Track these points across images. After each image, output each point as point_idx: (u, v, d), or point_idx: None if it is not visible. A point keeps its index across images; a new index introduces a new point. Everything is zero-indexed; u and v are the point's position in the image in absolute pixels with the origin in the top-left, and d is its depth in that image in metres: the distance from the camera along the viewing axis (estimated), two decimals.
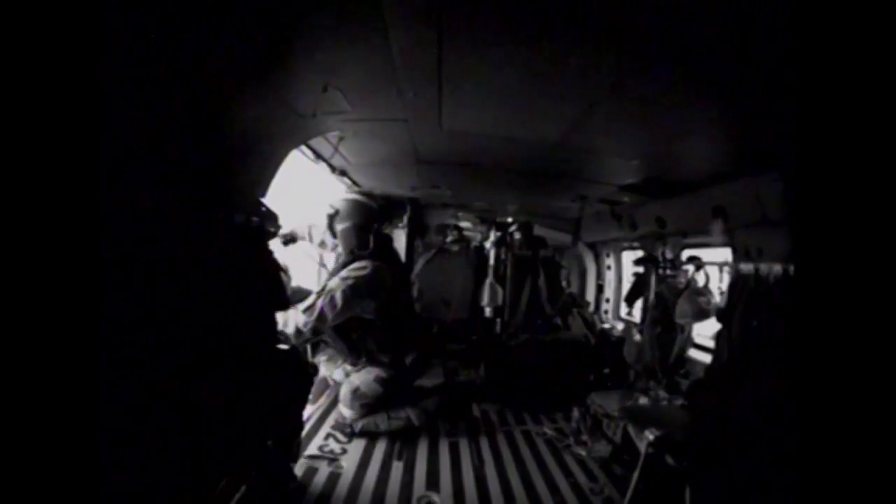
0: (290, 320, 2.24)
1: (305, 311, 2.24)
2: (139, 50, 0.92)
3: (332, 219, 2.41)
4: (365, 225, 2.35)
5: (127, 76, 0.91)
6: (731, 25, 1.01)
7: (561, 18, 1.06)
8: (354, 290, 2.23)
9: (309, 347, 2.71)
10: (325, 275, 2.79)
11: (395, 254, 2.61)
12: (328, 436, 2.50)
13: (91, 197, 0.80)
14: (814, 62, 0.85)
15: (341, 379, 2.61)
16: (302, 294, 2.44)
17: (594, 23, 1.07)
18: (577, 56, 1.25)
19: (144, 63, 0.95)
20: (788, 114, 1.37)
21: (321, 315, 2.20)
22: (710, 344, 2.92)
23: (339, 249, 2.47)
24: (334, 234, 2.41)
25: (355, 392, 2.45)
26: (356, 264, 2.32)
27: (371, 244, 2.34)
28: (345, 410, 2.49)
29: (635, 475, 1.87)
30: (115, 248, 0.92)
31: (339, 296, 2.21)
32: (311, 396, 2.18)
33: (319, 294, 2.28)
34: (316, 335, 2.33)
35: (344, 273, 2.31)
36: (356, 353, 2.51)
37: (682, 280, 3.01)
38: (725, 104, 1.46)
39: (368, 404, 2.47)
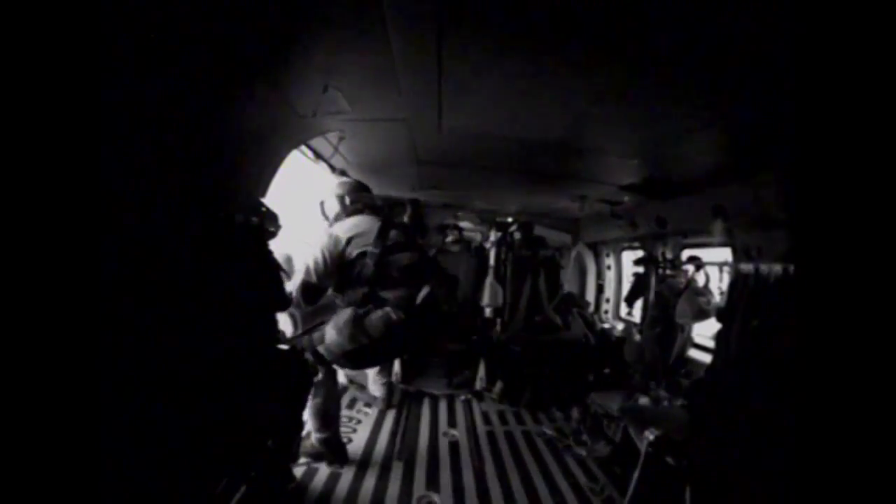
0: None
1: (298, 272, 2.18)
2: (139, 50, 0.92)
3: (322, 205, 2.44)
4: (341, 194, 2.35)
5: (127, 76, 0.91)
6: (732, 26, 1.01)
7: (561, 19, 1.06)
8: (330, 237, 2.11)
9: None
10: None
11: (378, 212, 2.42)
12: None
13: (91, 197, 0.80)
14: (813, 63, 0.85)
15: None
16: None
17: (594, 23, 1.07)
18: (577, 56, 1.25)
19: (145, 63, 0.95)
20: (788, 114, 1.37)
21: (307, 270, 2.10)
22: (710, 344, 2.93)
23: (330, 220, 2.43)
24: (326, 216, 2.43)
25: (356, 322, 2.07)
26: (336, 224, 2.29)
27: (349, 204, 2.32)
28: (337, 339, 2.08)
29: (635, 475, 1.87)
30: (114, 248, 0.92)
31: (317, 248, 2.11)
32: (310, 396, 2.18)
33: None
34: (308, 294, 2.14)
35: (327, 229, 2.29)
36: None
37: (682, 280, 3.01)
38: (725, 104, 1.46)
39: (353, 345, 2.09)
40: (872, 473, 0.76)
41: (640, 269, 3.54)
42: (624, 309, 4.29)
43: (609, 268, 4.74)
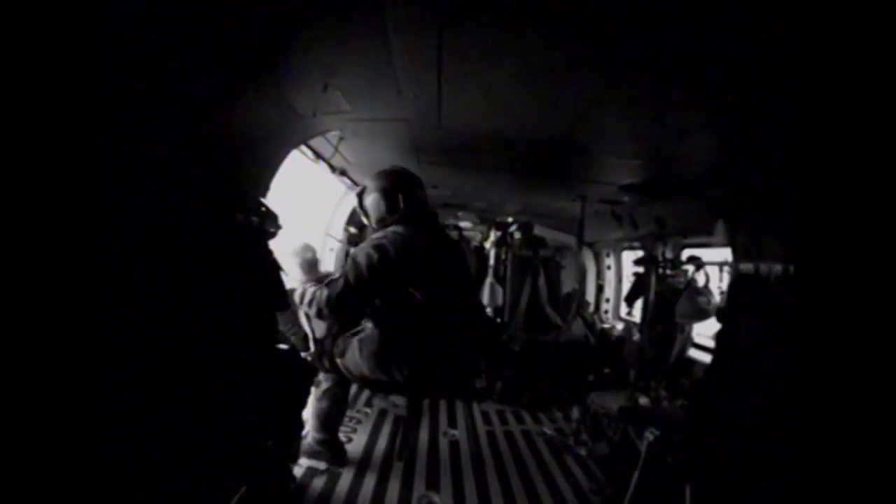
0: (315, 300, 1.79)
1: (329, 283, 1.79)
2: (139, 50, 0.92)
3: (360, 197, 2.03)
4: (391, 188, 1.92)
5: (126, 76, 0.91)
6: (732, 25, 1.01)
7: (561, 18, 1.06)
8: (380, 251, 1.72)
9: None
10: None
11: (434, 223, 2.04)
12: None
13: (90, 197, 0.80)
14: (814, 63, 0.85)
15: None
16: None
17: (594, 23, 1.07)
18: (578, 56, 1.25)
19: (144, 63, 0.95)
20: (789, 114, 1.37)
21: (346, 283, 1.71)
22: (710, 344, 2.93)
23: (372, 222, 2.06)
24: (366, 213, 2.04)
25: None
26: (384, 230, 1.87)
27: (402, 205, 1.89)
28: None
29: (635, 475, 1.87)
30: (114, 249, 0.92)
31: (362, 258, 1.72)
32: (316, 399, 2.18)
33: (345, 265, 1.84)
34: (342, 314, 1.81)
35: (373, 237, 1.87)
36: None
37: (682, 280, 3.01)
38: (726, 104, 1.46)
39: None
40: (873, 473, 0.76)
41: (640, 269, 3.54)
42: (624, 309, 4.30)
43: (609, 268, 4.75)
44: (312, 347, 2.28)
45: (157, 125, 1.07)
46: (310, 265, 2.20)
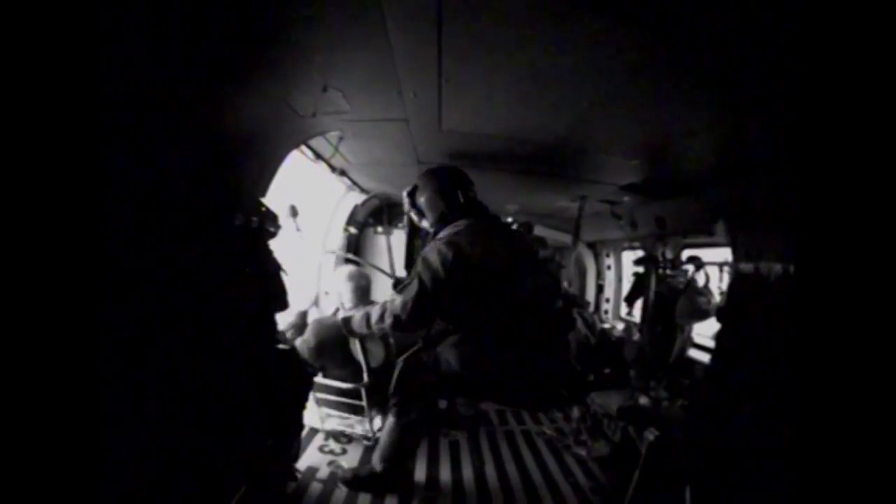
0: (387, 311, 1.73)
1: (402, 290, 1.71)
2: (138, 49, 0.92)
3: (412, 196, 1.95)
4: (449, 185, 1.86)
5: (126, 76, 0.91)
6: (733, 25, 1.01)
7: (561, 19, 1.06)
8: (453, 246, 1.63)
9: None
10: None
11: (494, 217, 1.97)
12: (328, 436, 2.50)
13: (90, 197, 0.80)
14: (814, 63, 0.85)
15: None
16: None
17: (594, 24, 1.07)
18: (578, 57, 1.25)
19: (144, 62, 0.95)
20: (789, 114, 1.37)
21: (421, 285, 1.62)
22: (710, 344, 2.93)
23: (425, 224, 1.98)
24: (420, 211, 1.95)
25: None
26: (451, 226, 1.81)
27: (462, 200, 1.84)
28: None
29: (635, 475, 1.87)
30: (114, 249, 0.92)
31: (434, 257, 1.63)
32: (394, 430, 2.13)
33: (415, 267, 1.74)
34: (419, 318, 1.72)
35: (441, 234, 1.82)
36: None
37: (682, 280, 3.01)
38: (726, 104, 1.47)
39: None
40: (873, 473, 0.76)
41: (640, 269, 3.54)
42: (624, 309, 4.29)
43: (609, 268, 4.74)
44: (366, 378, 2.25)
45: (157, 125, 1.07)
46: (363, 292, 2.19)
